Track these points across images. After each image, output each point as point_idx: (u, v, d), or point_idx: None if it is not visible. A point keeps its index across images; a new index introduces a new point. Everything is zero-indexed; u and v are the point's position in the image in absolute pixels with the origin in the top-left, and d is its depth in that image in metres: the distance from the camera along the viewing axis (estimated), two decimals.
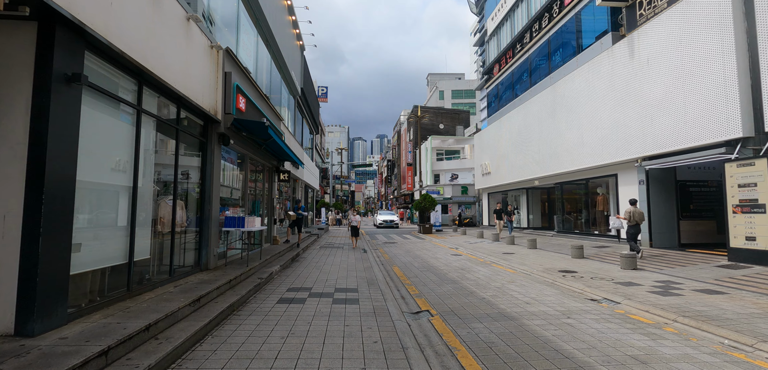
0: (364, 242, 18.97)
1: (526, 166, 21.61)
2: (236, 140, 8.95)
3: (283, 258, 10.92)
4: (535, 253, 13.46)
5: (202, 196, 7.37)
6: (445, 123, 53.13)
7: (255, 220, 8.74)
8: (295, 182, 19.87)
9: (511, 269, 10.31)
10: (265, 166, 12.51)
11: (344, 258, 12.34)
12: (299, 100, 20.90)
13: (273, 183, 13.28)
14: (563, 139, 17.90)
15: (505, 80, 25.95)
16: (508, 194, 26.92)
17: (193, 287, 5.81)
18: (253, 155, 10.76)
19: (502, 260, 11.78)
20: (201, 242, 7.31)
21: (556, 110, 18.47)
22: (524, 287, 7.87)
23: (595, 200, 17.91)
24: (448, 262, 11.76)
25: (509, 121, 23.92)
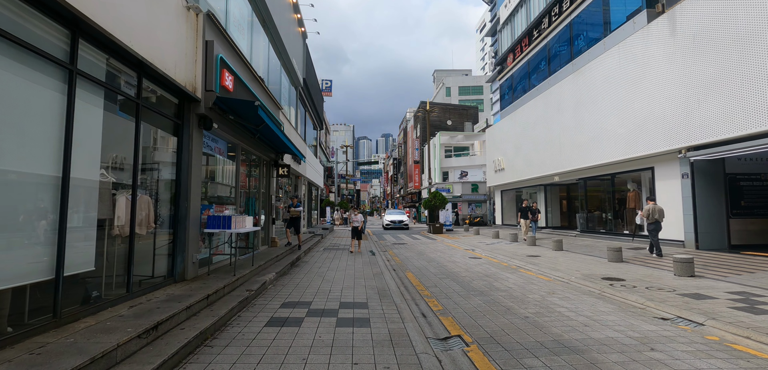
0: (372, 243, 17.60)
1: (545, 161, 20.10)
2: (223, 125, 7.61)
3: (280, 263, 9.57)
4: (563, 256, 12.01)
5: (176, 190, 6.03)
6: (453, 119, 51.59)
7: (246, 220, 7.39)
8: (297, 179, 18.56)
9: (544, 276, 8.87)
10: (262, 159, 11.18)
11: (350, 263, 10.98)
12: (301, 91, 19.58)
13: (271, 178, 11.96)
14: (588, 130, 16.38)
15: (520, 70, 24.42)
16: (523, 191, 25.40)
17: (154, 308, 4.46)
18: (247, 146, 9.42)
19: (530, 265, 10.34)
20: (175, 246, 5.97)
21: (580, 99, 16.95)
22: (571, 301, 6.44)
23: (624, 196, 16.38)
24: (468, 267, 10.34)
25: (525, 113, 22.41)
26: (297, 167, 16.39)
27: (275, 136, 9.47)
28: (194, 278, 6.34)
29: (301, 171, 17.59)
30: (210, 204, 7.46)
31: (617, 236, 15.73)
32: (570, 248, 13.88)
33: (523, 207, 16.92)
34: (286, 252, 11.29)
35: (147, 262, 5.60)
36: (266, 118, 6.91)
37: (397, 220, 29.25)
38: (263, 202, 11.67)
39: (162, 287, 5.53)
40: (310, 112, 23.72)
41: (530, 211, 16.61)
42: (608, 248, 10.76)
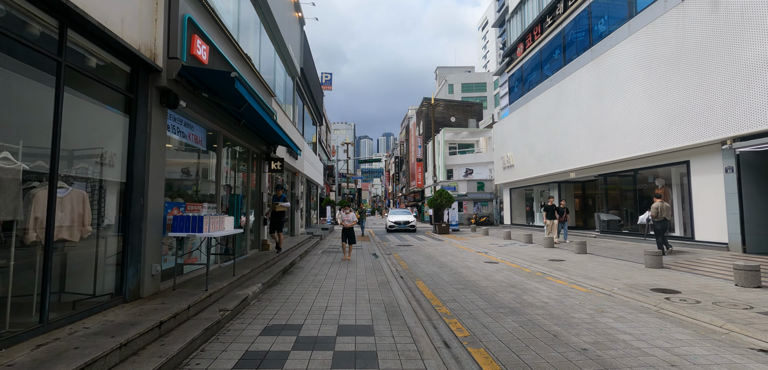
0: (374, 244, 16.27)
1: (560, 157, 18.73)
2: (197, 106, 6.29)
3: (270, 271, 8.25)
4: (590, 260, 10.67)
5: (128, 184, 4.71)
6: (456, 116, 50.22)
7: (224, 221, 6.07)
8: (294, 176, 17.26)
9: (579, 285, 7.53)
10: (252, 152, 9.86)
11: (351, 269, 9.65)
12: (299, 82, 18.25)
13: (263, 174, 10.64)
14: (610, 122, 15.01)
15: (530, 61, 23.04)
16: (533, 189, 24.05)
17: (69, 348, 3.14)
18: (231, 134, 8.10)
19: (557, 271, 9.01)
20: (126, 255, 4.64)
21: (601, 88, 15.58)
22: (630, 323, 5.10)
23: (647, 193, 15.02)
24: (486, 273, 9.00)
25: (538, 106, 21.04)
26: (293, 163, 15.07)
27: (264, 124, 8.15)
28: (153, 295, 5.02)
29: (298, 167, 16.27)
30: (181, 202, 6.13)
31: (642, 237, 14.37)
32: (594, 250, 12.53)
33: (549, 206, 14.70)
34: (278, 257, 9.96)
35: (86, 277, 4.28)
36: (247, 95, 5.57)
37: (402, 221, 24.72)
38: (253, 200, 10.36)
39: (103, 310, 4.21)
40: (309, 106, 22.39)
41: (557, 210, 14.60)
42: (645, 252, 9.42)
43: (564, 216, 14.46)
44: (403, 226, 24.57)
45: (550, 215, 14.63)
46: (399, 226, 24.61)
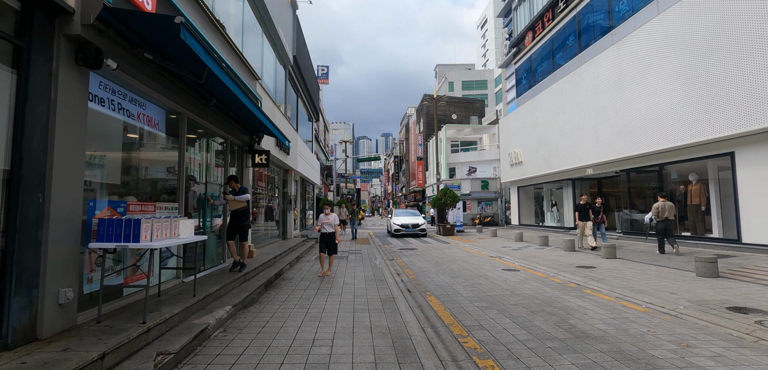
0: (375, 248, 14.77)
1: (575, 151, 17.27)
2: (144, 75, 4.79)
3: (249, 286, 6.74)
4: (626, 266, 9.21)
5: (13, 172, 3.20)
6: (458, 113, 48.79)
7: (179, 225, 4.57)
8: (287, 173, 15.75)
9: (631, 303, 6.03)
10: (230, 142, 8.35)
11: (349, 280, 8.15)
12: (291, 71, 16.76)
13: (245, 168, 9.13)
14: (635, 112, 13.55)
15: (541, 50, 21.58)
16: (543, 187, 22.58)
17: None
18: (199, 117, 6.60)
19: (593, 282, 7.54)
20: (7, 279, 3.13)
21: (624, 75, 14.12)
22: (734, 365, 3.61)
23: (674, 189, 13.59)
24: (510, 285, 7.50)
25: (549, 97, 19.57)
26: (285, 159, 13.56)
27: (241, 106, 6.65)
28: (61, 332, 3.51)
29: (291, 163, 14.76)
30: (119, 200, 4.62)
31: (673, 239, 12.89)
32: (624, 254, 11.05)
33: (582, 205, 12.47)
34: (263, 266, 8.45)
35: None
36: (204, 54, 4.08)
37: (409, 224, 20.03)
38: None
39: None
40: (304, 100, 20.89)
41: (592, 209, 12.40)
42: (696, 258, 7.95)
43: (600, 216, 12.32)
44: (412, 230, 19.84)
45: (584, 215, 12.36)
46: (406, 230, 19.82)
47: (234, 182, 7.17)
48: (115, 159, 4.81)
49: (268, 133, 8.74)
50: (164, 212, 5.46)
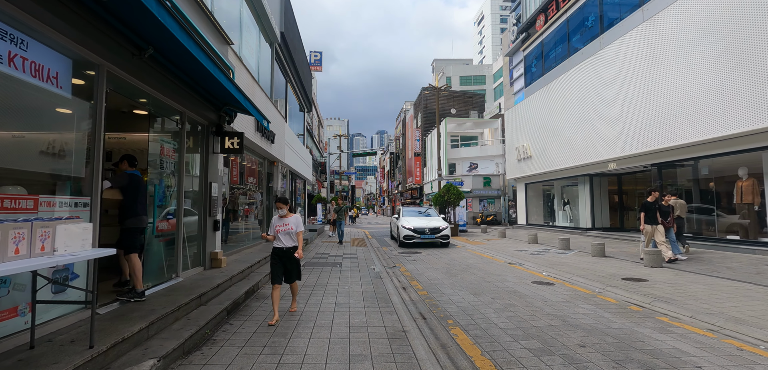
0: (372, 251, 12.90)
1: (595, 144, 15.54)
2: None
3: (204, 313, 4.86)
4: (683, 278, 7.49)
5: None
6: (457, 107, 47.02)
7: (56, 234, 2.66)
8: (272, 166, 13.83)
9: (747, 343, 4.22)
10: (188, 117, 6.43)
11: (343, 299, 6.29)
12: (279, 50, 14.80)
13: (210, 154, 7.21)
14: (671, 98, 11.82)
15: (554, 34, 19.79)
16: (555, 184, 20.85)
17: None
18: (129, 74, 4.68)
19: (662, 303, 5.77)
20: None
21: (658, 56, 12.37)
22: None
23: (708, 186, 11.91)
24: (556, 308, 5.66)
25: (564, 85, 17.82)
26: (269, 148, 11.64)
27: (196, 65, 4.76)
28: None
29: (277, 154, 12.83)
30: None
31: (720, 242, 11.20)
32: (679, 263, 9.30)
33: (649, 203, 9.37)
34: (230, 281, 6.56)
35: None
36: None
37: (427, 228, 13.96)
38: (196, 193, 6.94)
39: None
40: (294, 86, 18.93)
41: (660, 210, 9.33)
42: None
43: (670, 219, 9.46)
44: (430, 237, 13.79)
45: (652, 217, 9.28)
46: (422, 237, 13.80)
47: (126, 163, 4.77)
48: None
49: (240, 108, 6.82)
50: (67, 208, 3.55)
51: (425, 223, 14.33)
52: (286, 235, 5.05)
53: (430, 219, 15.05)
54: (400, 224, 14.45)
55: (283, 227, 5.05)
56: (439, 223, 14.51)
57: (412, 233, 13.89)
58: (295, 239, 5.12)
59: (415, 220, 14.78)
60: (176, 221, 6.01)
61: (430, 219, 15.05)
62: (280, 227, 5.06)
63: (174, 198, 5.95)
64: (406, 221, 14.61)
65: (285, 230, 5.05)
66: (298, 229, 5.12)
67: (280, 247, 5.07)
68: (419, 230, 13.90)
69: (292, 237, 5.09)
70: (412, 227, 14.03)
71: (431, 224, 14.30)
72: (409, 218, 14.99)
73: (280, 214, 5.14)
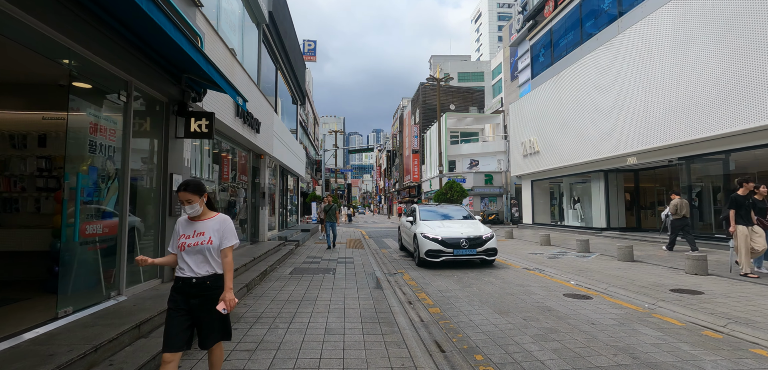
0: (370, 254, 11.55)
1: (612, 137, 14.30)
2: None
3: (144, 348, 3.49)
4: (746, 290, 6.20)
5: None
6: (456, 103, 45.82)
7: None
8: (259, 159, 12.43)
9: None
10: (134, 88, 5.05)
11: (335, 321, 4.94)
12: (268, 32, 13.40)
13: (171, 139, 5.83)
14: (708, 81, 10.57)
15: (564, 20, 18.52)
16: (563, 181, 19.61)
17: None
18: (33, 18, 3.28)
19: (744, 328, 4.54)
20: None
21: (689, 37, 11.13)
22: None
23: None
24: (613, 335, 4.32)
25: (576, 74, 16.56)
26: (253, 138, 10.24)
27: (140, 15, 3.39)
28: None
29: (263, 146, 11.44)
30: None
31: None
32: (719, 269, 8.03)
33: (740, 198, 7.15)
34: None
35: None
36: None
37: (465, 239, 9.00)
38: (152, 186, 5.56)
39: None
40: (286, 74, 17.52)
41: (754, 207, 7.15)
42: None
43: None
44: (470, 253, 8.94)
45: (745, 216, 7.10)
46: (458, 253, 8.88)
47: None
48: None
49: (204, 78, 5.42)
50: None
51: (459, 229, 9.39)
52: (196, 254, 2.60)
53: (464, 223, 9.96)
54: (418, 232, 9.45)
55: (193, 239, 2.61)
56: (479, 228, 9.53)
57: (439, 246, 8.86)
58: (217, 261, 2.67)
59: (441, 225, 9.83)
60: (118, 222, 4.62)
61: (464, 223, 9.96)
62: (188, 239, 2.61)
63: (114, 193, 4.57)
64: (429, 226, 9.63)
65: (196, 245, 2.59)
66: (226, 243, 2.68)
67: (185, 277, 2.59)
68: (451, 241, 8.88)
69: (211, 258, 2.64)
70: (439, 235, 9.05)
71: (469, 230, 9.29)
72: (433, 223, 9.98)
73: (187, 212, 2.65)
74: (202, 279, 2.59)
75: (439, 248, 8.91)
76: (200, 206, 2.68)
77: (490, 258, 9.17)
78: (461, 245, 8.89)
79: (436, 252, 8.92)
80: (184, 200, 2.61)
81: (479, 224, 10.15)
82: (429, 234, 9.21)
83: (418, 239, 9.34)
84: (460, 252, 8.86)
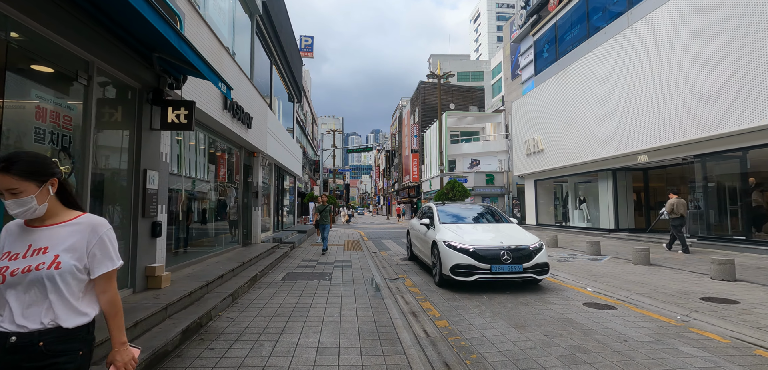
0: (368, 255, 10.91)
1: (621, 134, 13.72)
2: None
3: None
4: None
5: None
6: (456, 102, 45.22)
7: None
8: (252, 156, 11.78)
9: None
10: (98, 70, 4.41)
11: (329, 338, 4.30)
12: (262, 24, 12.75)
13: (144, 130, 5.18)
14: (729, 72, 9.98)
15: (570, 14, 17.93)
16: (568, 181, 19.01)
17: None
18: None
19: None
20: None
21: (708, 25, 10.54)
22: None
23: None
24: (659, 358, 3.67)
25: (583, 69, 15.96)
26: (244, 133, 9.59)
27: None
28: None
29: (256, 142, 10.79)
30: None
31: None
32: (747, 273, 7.41)
33: None
34: (164, 311, 4.55)
35: None
36: None
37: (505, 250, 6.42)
38: (122, 185, 4.91)
39: None
40: (281, 69, 16.87)
41: None
42: None
43: None
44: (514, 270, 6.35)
45: None
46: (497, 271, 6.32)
47: None
48: None
49: (179, 59, 4.78)
50: None
51: (494, 237, 6.92)
52: (28, 288, 1.44)
53: (500, 228, 7.50)
54: (439, 240, 7.00)
55: (24, 262, 1.45)
56: (523, 236, 7.03)
57: (471, 260, 6.40)
58: (72, 303, 1.47)
59: (471, 230, 7.40)
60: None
61: (500, 228, 7.50)
62: (15, 261, 1.45)
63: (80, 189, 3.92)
64: (453, 231, 7.20)
65: (27, 271, 1.43)
66: (101, 268, 1.54)
67: (6, 331, 1.42)
68: (488, 254, 6.43)
69: (58, 297, 1.45)
70: (470, 245, 6.56)
71: (509, 238, 6.82)
72: (458, 227, 7.52)
73: (12, 212, 1.45)
74: (30, 339, 1.39)
75: (471, 262, 6.31)
76: (39, 200, 1.47)
77: (540, 277, 6.58)
78: (502, 260, 6.30)
79: (467, 269, 6.32)
80: (2, 189, 1.43)
81: (520, 229, 7.47)
82: (455, 243, 6.62)
83: (440, 249, 6.74)
84: (501, 269, 6.26)
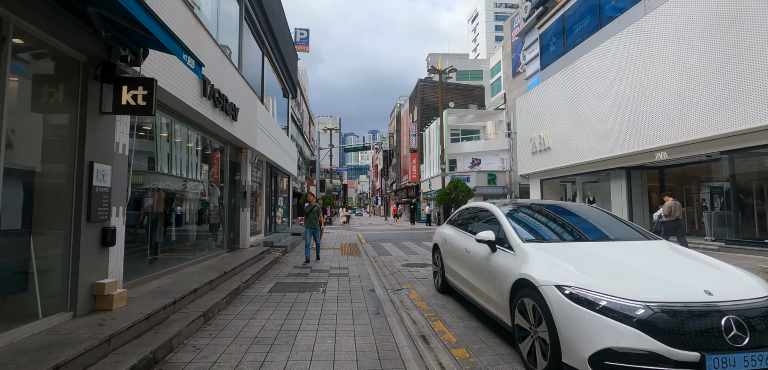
0: (367, 260, 9.91)
1: (638, 129, 12.83)
2: None
3: None
4: None
5: None
6: (455, 100, 44.27)
7: None
8: (241, 153, 10.76)
9: None
10: (15, 30, 3.39)
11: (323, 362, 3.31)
12: (251, 10, 11.74)
13: (90, 114, 4.17)
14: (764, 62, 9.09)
15: (579, 4, 17.03)
16: (576, 180, 18.10)
17: None
18: None
19: None
20: None
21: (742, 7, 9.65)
22: None
23: None
24: None
25: (594, 62, 15.05)
26: (229, 127, 8.58)
27: None
28: None
29: (243, 137, 9.76)
30: None
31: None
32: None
33: None
34: (111, 342, 3.53)
35: None
36: None
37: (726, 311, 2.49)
38: (59, 185, 3.90)
39: None
40: (274, 61, 15.86)
41: None
42: None
43: None
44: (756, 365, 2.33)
45: None
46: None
47: None
48: None
49: (127, 20, 3.77)
50: None
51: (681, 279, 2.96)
52: None
53: (679, 259, 3.49)
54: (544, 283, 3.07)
55: None
56: (744, 281, 2.98)
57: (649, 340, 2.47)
58: None
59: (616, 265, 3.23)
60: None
61: (679, 259, 3.49)
62: None
63: None
64: (568, 262, 3.27)
65: None
66: None
67: None
68: (687, 319, 2.51)
69: None
70: (637, 299, 2.64)
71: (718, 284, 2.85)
72: (574, 250, 3.63)
73: None
74: None
75: (652, 346, 2.47)
76: None
77: None
78: (727, 336, 2.49)
79: (644, 360, 2.47)
80: None
81: (728, 266, 3.35)
82: (592, 294, 2.80)
83: (555, 307, 2.91)
84: (726, 360, 2.40)
